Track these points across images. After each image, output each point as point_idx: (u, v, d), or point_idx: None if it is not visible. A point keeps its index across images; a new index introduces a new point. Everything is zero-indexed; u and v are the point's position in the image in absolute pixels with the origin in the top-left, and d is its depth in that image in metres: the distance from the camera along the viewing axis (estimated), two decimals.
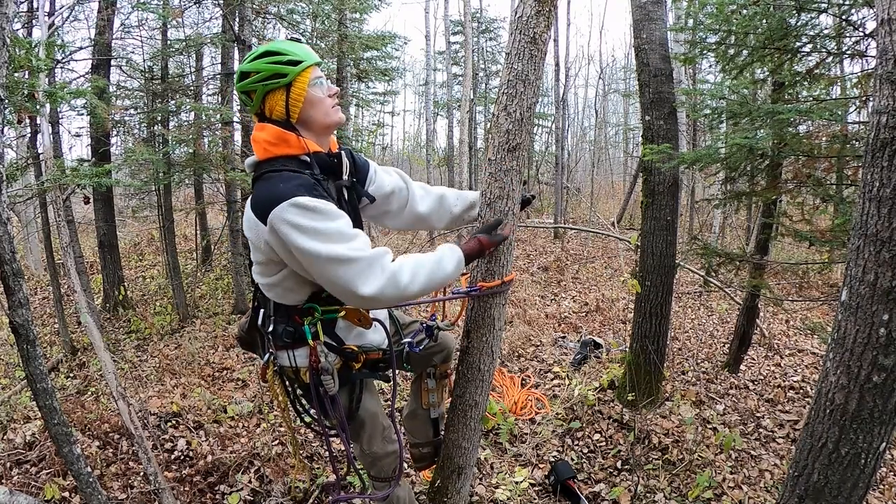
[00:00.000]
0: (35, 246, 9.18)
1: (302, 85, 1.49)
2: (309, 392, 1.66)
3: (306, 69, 1.49)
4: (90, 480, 2.09)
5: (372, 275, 1.37)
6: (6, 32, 1.69)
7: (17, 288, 1.79)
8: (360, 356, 1.67)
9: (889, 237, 1.46)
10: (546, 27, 1.75)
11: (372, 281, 1.37)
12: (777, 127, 3.06)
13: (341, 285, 1.38)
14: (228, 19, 6.12)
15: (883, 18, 1.48)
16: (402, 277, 1.41)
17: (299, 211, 1.35)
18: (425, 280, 1.47)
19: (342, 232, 1.38)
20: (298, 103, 1.49)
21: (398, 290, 1.41)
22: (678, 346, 4.76)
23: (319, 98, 1.52)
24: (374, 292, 1.38)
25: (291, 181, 1.40)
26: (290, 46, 1.50)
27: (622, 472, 2.95)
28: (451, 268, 1.54)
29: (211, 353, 4.94)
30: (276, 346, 1.64)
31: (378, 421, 1.85)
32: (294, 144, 1.49)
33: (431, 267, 1.49)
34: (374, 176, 1.79)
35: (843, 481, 1.62)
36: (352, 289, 1.37)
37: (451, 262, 1.54)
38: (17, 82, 3.42)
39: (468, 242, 1.64)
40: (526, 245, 10.43)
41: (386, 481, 1.91)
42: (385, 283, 1.39)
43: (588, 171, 16.87)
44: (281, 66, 1.46)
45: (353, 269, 1.36)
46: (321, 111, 1.52)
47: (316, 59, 1.52)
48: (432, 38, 12.21)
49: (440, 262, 1.52)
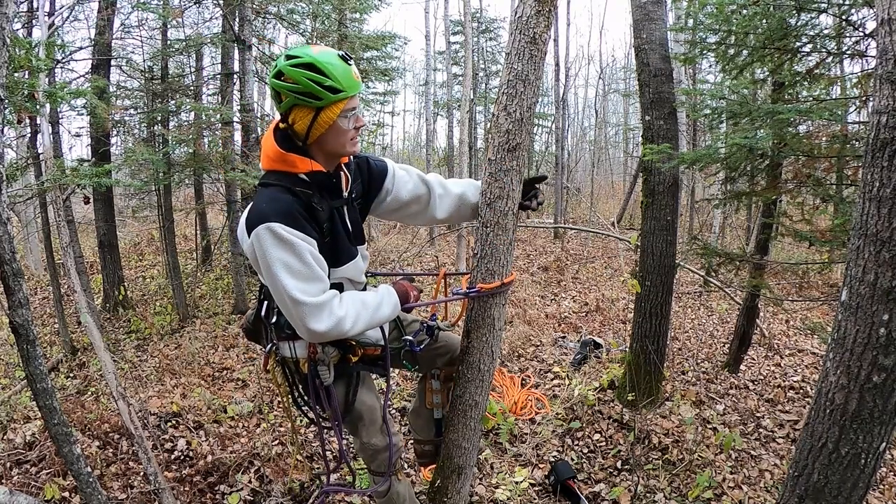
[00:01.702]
0: (35, 246, 9.18)
1: (332, 115, 1.47)
2: (307, 383, 1.72)
3: (343, 100, 1.46)
4: (90, 480, 2.09)
5: (321, 317, 1.48)
6: (6, 32, 1.69)
7: (17, 288, 1.79)
8: (358, 350, 1.73)
9: (889, 237, 1.46)
10: (546, 27, 1.75)
11: (320, 322, 1.48)
12: (777, 127, 3.06)
13: (294, 319, 1.50)
14: (228, 19, 6.12)
15: (883, 18, 1.48)
16: (346, 323, 1.52)
17: (272, 238, 1.42)
18: (365, 324, 1.58)
19: (305, 272, 1.46)
20: (321, 129, 1.49)
21: (340, 332, 1.52)
22: (678, 346, 4.76)
23: (344, 130, 1.51)
24: (322, 331, 1.49)
25: (276, 203, 1.45)
26: (336, 69, 1.43)
27: (622, 472, 2.95)
28: (387, 313, 1.64)
29: (211, 353, 4.94)
30: (279, 336, 1.69)
31: (376, 414, 1.90)
32: (293, 164, 1.51)
33: (371, 312, 1.59)
34: (392, 185, 1.80)
35: (843, 481, 1.62)
36: (303, 324, 1.48)
37: (388, 308, 1.64)
38: (17, 82, 3.42)
39: (397, 287, 1.72)
40: (526, 245, 10.43)
41: (384, 475, 1.95)
42: (331, 326, 1.49)
43: (588, 171, 16.86)
44: (319, 90, 1.42)
45: (305, 309, 1.46)
46: (340, 142, 1.53)
47: (358, 89, 1.48)
48: (432, 38, 12.21)
49: (379, 307, 1.62)
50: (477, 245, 1.85)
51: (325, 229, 1.55)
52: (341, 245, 1.62)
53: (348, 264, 1.65)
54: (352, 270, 1.68)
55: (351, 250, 1.66)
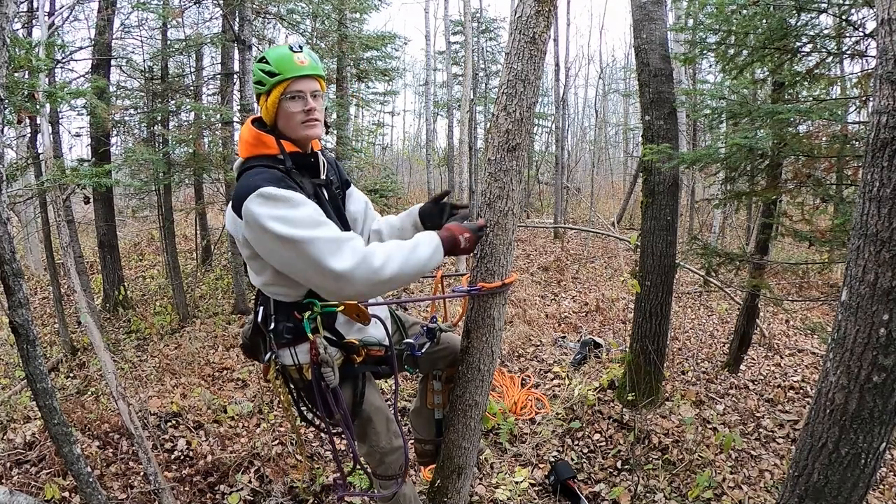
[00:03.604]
0: (35, 246, 9.17)
1: (274, 97, 1.55)
2: (312, 391, 1.67)
3: (281, 83, 1.53)
4: (90, 480, 2.09)
5: (343, 252, 1.36)
6: (6, 32, 1.69)
7: (17, 288, 1.79)
8: (362, 350, 1.69)
9: (889, 237, 1.46)
10: (546, 27, 1.75)
11: (343, 258, 1.36)
12: (777, 127, 3.06)
13: (312, 265, 1.36)
14: (228, 19, 6.12)
15: (883, 18, 1.48)
16: (375, 260, 1.39)
17: (264, 200, 1.40)
18: (399, 265, 1.43)
19: (310, 217, 1.40)
20: (272, 111, 1.57)
21: (371, 272, 1.38)
22: (678, 346, 4.75)
23: (290, 112, 1.56)
24: (346, 269, 1.35)
25: (260, 175, 1.47)
26: (278, 56, 1.54)
27: (622, 472, 2.95)
28: (426, 254, 1.50)
29: (211, 353, 4.94)
30: (278, 344, 1.65)
31: (383, 414, 1.86)
32: (270, 145, 1.57)
33: (406, 252, 1.46)
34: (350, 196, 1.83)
35: (843, 481, 1.62)
36: (323, 265, 1.35)
37: (426, 249, 1.51)
38: (17, 82, 3.41)
39: (441, 232, 1.61)
40: (526, 245, 10.43)
41: (392, 479, 1.91)
42: (357, 262, 1.36)
43: (588, 171, 16.87)
44: (262, 75, 1.55)
45: (322, 247, 1.34)
46: (291, 125, 1.57)
47: (297, 72, 1.53)
48: (432, 38, 12.22)
49: (416, 247, 1.49)
50: (477, 245, 1.85)
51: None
52: None
53: None
54: None
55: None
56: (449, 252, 1.59)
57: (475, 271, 1.85)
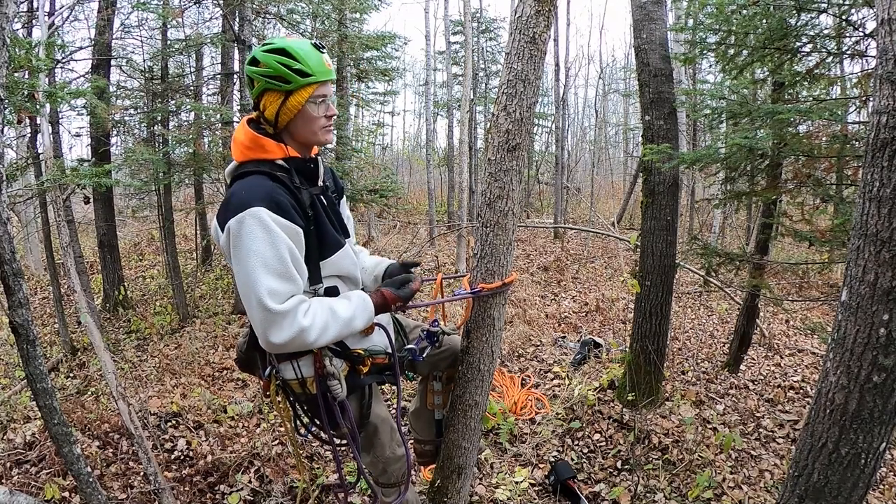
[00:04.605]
0: (35, 246, 9.17)
1: (300, 98, 1.46)
2: (316, 405, 1.62)
3: (312, 85, 1.46)
4: (90, 480, 2.09)
5: (281, 326, 1.37)
6: (6, 32, 1.69)
7: (17, 288, 1.79)
8: (367, 360, 1.65)
9: (889, 237, 1.46)
10: (546, 27, 1.75)
11: (280, 332, 1.37)
12: (777, 127, 3.06)
13: (255, 322, 1.40)
14: (228, 19, 6.11)
15: (883, 18, 1.48)
16: (310, 335, 1.41)
17: (255, 225, 1.35)
18: (334, 336, 1.47)
19: (280, 269, 1.37)
20: (290, 114, 1.48)
21: (303, 344, 1.42)
22: (678, 346, 4.75)
23: (314, 116, 1.49)
24: (279, 343, 1.38)
25: (258, 189, 1.40)
26: (307, 54, 1.45)
27: (622, 472, 2.95)
28: (360, 324, 1.53)
29: (211, 353, 4.94)
30: (279, 358, 1.60)
31: (388, 424, 1.84)
32: (270, 150, 1.48)
33: (341, 326, 1.47)
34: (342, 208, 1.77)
35: (843, 481, 1.62)
36: (262, 333, 1.39)
37: (361, 319, 1.53)
38: (17, 82, 3.41)
39: (373, 294, 1.59)
40: (526, 245, 10.43)
41: (395, 486, 1.89)
42: (291, 336, 1.38)
43: (588, 171, 16.87)
44: (288, 73, 1.43)
45: (268, 316, 1.36)
46: (310, 129, 1.51)
47: (328, 76, 1.48)
48: (432, 38, 12.20)
49: (352, 320, 1.50)
50: (477, 245, 1.86)
51: (309, 217, 1.49)
52: (327, 233, 1.54)
53: (338, 253, 1.56)
54: (345, 264, 1.59)
55: (338, 239, 1.58)
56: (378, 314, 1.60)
57: (475, 271, 1.85)
